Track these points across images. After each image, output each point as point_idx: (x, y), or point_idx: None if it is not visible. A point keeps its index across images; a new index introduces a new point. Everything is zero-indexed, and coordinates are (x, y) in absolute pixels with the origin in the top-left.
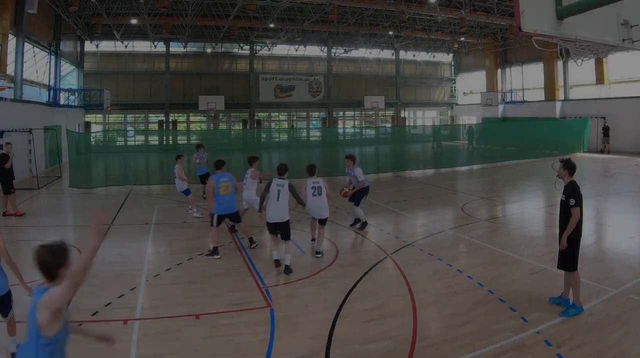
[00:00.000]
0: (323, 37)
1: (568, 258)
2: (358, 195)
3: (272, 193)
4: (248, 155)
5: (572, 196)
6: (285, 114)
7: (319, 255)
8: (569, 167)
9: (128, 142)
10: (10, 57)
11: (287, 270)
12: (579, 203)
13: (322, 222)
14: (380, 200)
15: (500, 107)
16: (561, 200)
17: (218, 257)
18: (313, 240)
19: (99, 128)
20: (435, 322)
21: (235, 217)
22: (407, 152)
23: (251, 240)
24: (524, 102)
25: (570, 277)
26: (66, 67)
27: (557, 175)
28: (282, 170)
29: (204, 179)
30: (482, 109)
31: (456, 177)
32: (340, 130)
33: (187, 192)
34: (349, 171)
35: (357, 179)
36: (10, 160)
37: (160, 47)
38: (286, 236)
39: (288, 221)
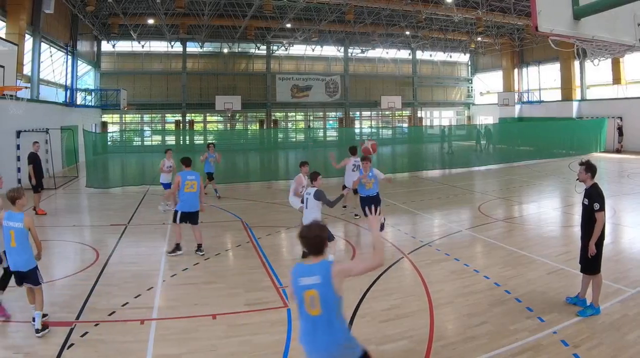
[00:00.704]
0: (340, 37)
1: (591, 261)
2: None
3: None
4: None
5: (597, 200)
6: (302, 114)
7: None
8: (591, 169)
9: (145, 142)
10: (27, 57)
11: None
12: (603, 206)
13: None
14: (397, 200)
15: (517, 107)
16: (583, 204)
17: (181, 253)
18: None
19: (116, 128)
20: (452, 322)
21: (193, 218)
22: (424, 152)
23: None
24: (540, 102)
25: (593, 279)
26: (83, 67)
27: (578, 179)
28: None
29: (210, 176)
30: (499, 109)
31: (473, 177)
32: (357, 130)
33: (166, 186)
34: (363, 172)
35: (378, 177)
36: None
37: (177, 47)
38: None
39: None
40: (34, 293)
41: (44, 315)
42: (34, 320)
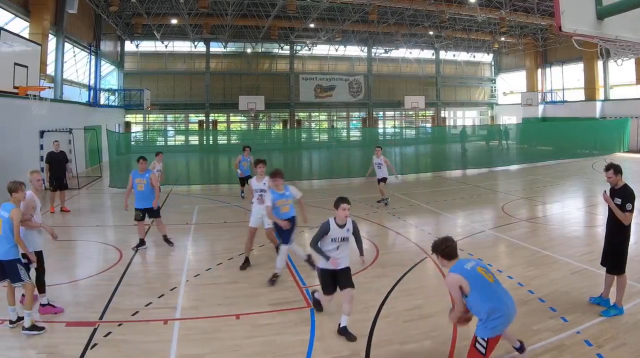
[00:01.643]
0: (363, 37)
1: (618, 262)
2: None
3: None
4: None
5: (630, 200)
6: (326, 113)
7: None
8: (619, 170)
9: (168, 142)
10: (51, 57)
11: (351, 337)
12: (634, 207)
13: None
14: (420, 200)
15: (541, 107)
16: (616, 205)
17: (144, 247)
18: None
19: (139, 128)
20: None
21: (153, 212)
22: (447, 152)
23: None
24: (564, 102)
25: (617, 279)
26: (106, 67)
27: (609, 183)
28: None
29: (244, 181)
30: (522, 109)
31: (496, 177)
32: (381, 130)
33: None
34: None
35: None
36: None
37: (201, 47)
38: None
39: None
40: (14, 292)
41: (38, 328)
42: (12, 322)
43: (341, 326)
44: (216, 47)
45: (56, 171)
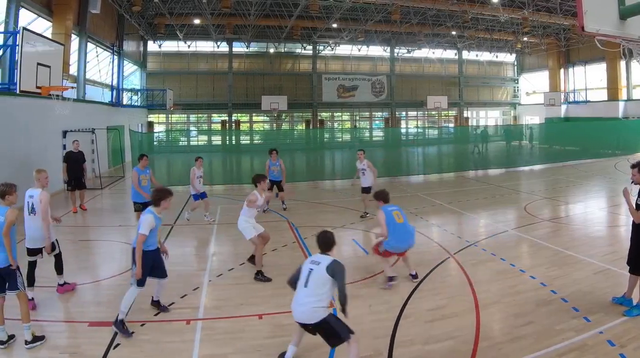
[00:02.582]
0: (386, 37)
1: None
2: None
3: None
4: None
5: None
6: (348, 113)
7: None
8: None
9: (191, 142)
10: (73, 57)
11: None
12: None
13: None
14: (443, 200)
15: (563, 107)
16: (637, 204)
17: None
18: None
19: (162, 128)
20: (498, 322)
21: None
22: (470, 152)
23: None
24: (586, 102)
25: None
26: (129, 67)
27: (632, 181)
28: (330, 245)
29: (272, 186)
30: (545, 109)
31: (519, 177)
32: (403, 130)
33: (196, 197)
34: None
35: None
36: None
37: (223, 47)
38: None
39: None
40: (2, 309)
41: (39, 338)
42: (2, 342)
43: None
44: (239, 47)
45: (74, 171)
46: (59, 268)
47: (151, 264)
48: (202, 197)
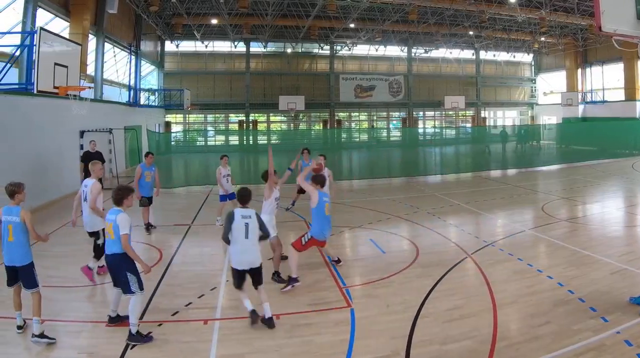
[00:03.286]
0: (403, 37)
1: None
2: None
3: (236, 230)
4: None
5: None
6: (366, 113)
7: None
8: None
9: (208, 142)
10: (91, 57)
11: (270, 323)
12: None
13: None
14: (460, 200)
15: (581, 107)
16: None
17: (148, 234)
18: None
19: (179, 128)
20: (515, 322)
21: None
22: (487, 152)
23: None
24: (604, 102)
25: None
26: (146, 67)
27: None
28: (245, 198)
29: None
30: (562, 109)
31: (536, 177)
32: (421, 130)
33: (223, 198)
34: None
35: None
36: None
37: (241, 47)
38: (259, 281)
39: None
40: (20, 296)
41: (48, 337)
42: (20, 327)
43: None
44: (256, 47)
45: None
46: (97, 255)
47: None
48: (231, 198)
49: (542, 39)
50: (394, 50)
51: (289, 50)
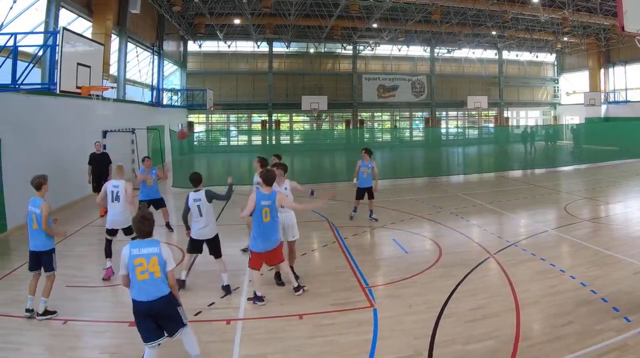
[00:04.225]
0: (426, 37)
1: None
2: None
3: (193, 211)
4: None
5: None
6: (388, 114)
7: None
8: None
9: (231, 142)
10: (113, 57)
11: (228, 290)
12: None
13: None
14: (483, 199)
15: (603, 107)
16: None
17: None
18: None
19: (202, 128)
20: (538, 322)
21: (158, 203)
22: (510, 152)
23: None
24: (626, 102)
25: None
26: (169, 67)
27: None
28: (194, 181)
29: (362, 193)
30: (585, 109)
31: (559, 177)
32: (443, 130)
33: None
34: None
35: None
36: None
37: (263, 47)
38: (216, 252)
39: (217, 234)
40: (42, 280)
41: (50, 313)
42: (29, 311)
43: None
44: (279, 47)
45: (97, 172)
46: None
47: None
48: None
49: (565, 38)
50: (416, 50)
51: (311, 50)
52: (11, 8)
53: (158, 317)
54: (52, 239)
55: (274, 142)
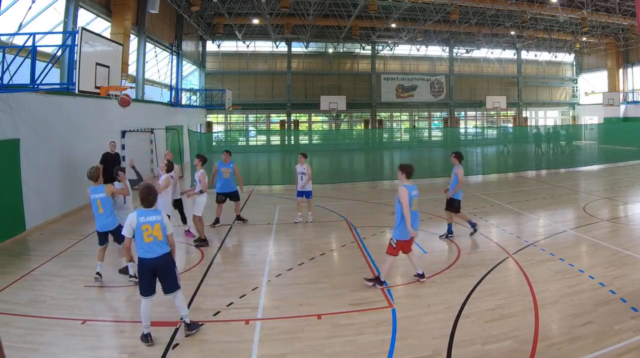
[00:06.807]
0: (444, 37)
1: None
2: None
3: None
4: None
5: None
6: (407, 114)
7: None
8: None
9: (250, 142)
10: (132, 57)
11: (125, 270)
12: None
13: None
14: (502, 200)
15: (622, 107)
16: None
17: (219, 224)
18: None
19: (221, 128)
20: (557, 322)
21: (233, 196)
22: (529, 152)
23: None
24: None
25: None
26: (187, 67)
27: None
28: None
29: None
30: (603, 109)
31: (577, 177)
32: (462, 130)
33: (298, 194)
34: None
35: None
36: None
37: (282, 47)
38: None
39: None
40: (104, 252)
41: (131, 275)
42: (98, 274)
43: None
44: (298, 47)
45: (109, 172)
46: (183, 218)
47: None
48: (307, 196)
49: (584, 39)
50: (435, 50)
51: (330, 50)
52: (30, 8)
53: (159, 271)
54: (116, 217)
55: (292, 142)
